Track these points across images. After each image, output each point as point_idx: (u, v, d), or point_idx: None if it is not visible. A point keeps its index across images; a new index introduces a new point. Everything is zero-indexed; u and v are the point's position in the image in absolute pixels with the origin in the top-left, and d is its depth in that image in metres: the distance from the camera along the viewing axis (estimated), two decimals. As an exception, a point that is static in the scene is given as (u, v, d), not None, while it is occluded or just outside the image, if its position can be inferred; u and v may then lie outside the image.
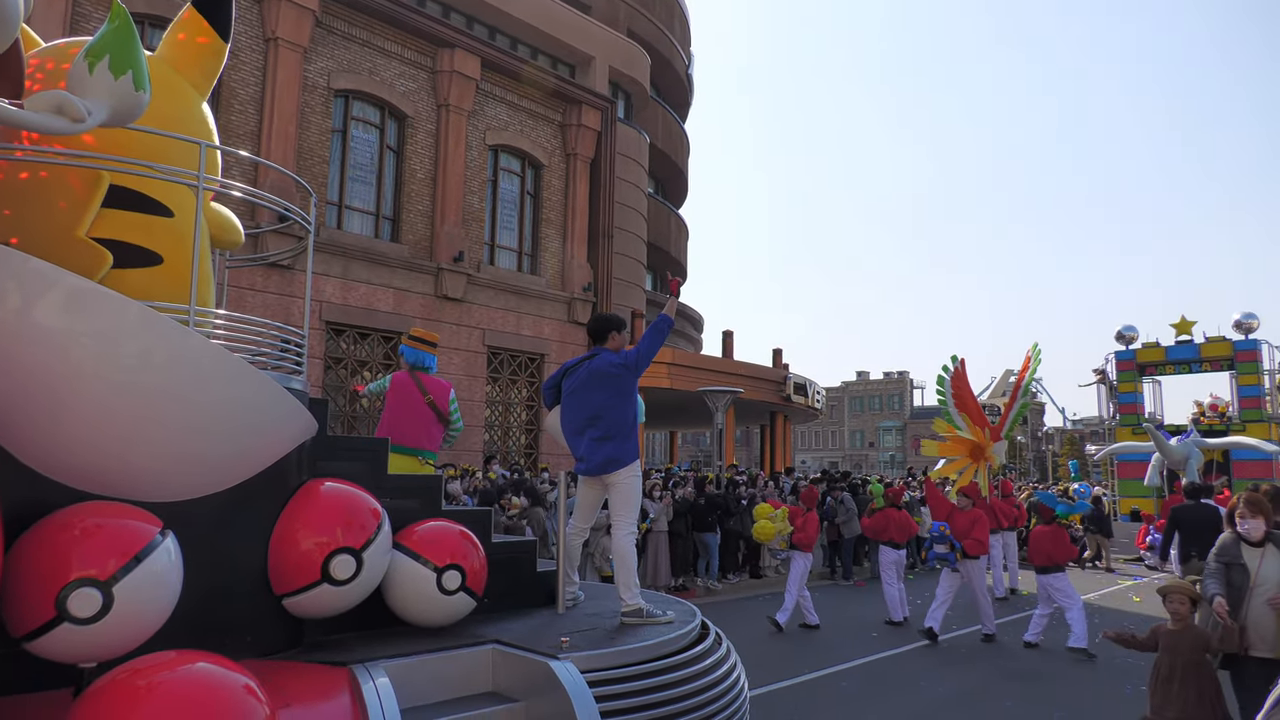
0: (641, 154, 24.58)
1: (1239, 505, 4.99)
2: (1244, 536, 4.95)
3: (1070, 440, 61.45)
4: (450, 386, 6.64)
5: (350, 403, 15.89)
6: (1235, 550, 4.97)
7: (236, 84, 14.54)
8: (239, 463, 3.31)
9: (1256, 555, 4.89)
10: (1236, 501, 5.05)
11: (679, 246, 30.85)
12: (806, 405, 27.61)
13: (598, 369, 4.72)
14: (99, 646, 2.67)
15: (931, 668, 8.48)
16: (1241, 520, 4.97)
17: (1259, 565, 4.86)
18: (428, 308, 16.84)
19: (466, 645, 3.72)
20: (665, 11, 30.10)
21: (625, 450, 4.67)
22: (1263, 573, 4.81)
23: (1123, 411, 25.86)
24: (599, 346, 4.90)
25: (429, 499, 4.36)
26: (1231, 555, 4.97)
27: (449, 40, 17.21)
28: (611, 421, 4.65)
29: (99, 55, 2.84)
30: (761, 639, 9.64)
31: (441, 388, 6.55)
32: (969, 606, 10.91)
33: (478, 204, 18.12)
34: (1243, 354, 24.02)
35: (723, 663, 4.01)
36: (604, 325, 4.95)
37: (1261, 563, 4.85)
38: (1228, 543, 5.06)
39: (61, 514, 2.77)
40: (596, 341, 4.93)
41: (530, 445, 18.81)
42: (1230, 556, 4.97)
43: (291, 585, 3.44)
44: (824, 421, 79.20)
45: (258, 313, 13.41)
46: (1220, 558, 5.03)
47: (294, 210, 4.00)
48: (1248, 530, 4.92)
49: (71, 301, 2.78)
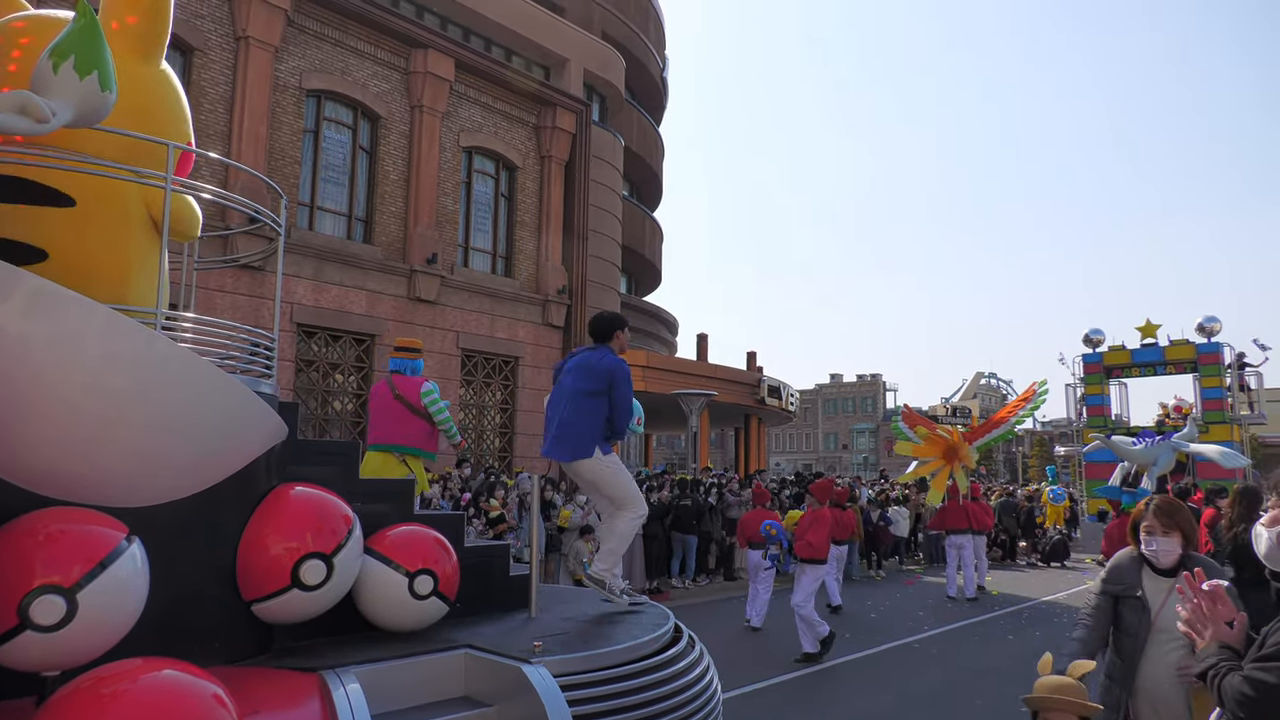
0: (616, 156, 24.60)
1: (1145, 515, 3.49)
2: (1149, 560, 3.48)
3: (1040, 442, 62.31)
4: (423, 381, 6.59)
5: (322, 406, 15.75)
6: (1133, 577, 3.51)
7: (206, 83, 14.37)
8: (207, 467, 3.27)
9: (1162, 589, 3.38)
10: (1143, 509, 3.55)
11: (654, 249, 30.90)
12: (780, 408, 27.76)
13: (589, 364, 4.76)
14: (62, 654, 2.62)
15: (904, 667, 8.56)
16: (1149, 536, 3.44)
17: (1162, 603, 3.35)
18: (401, 310, 16.73)
19: (438, 650, 3.70)
20: (640, 15, 30.15)
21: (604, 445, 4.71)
22: (1166, 615, 3.28)
23: (1090, 413, 26.25)
24: (601, 345, 4.87)
25: (401, 503, 4.34)
26: (1126, 583, 3.51)
27: (423, 41, 17.12)
28: (575, 418, 4.70)
29: (64, 55, 2.80)
30: (735, 641, 9.67)
31: (412, 384, 6.55)
32: (939, 606, 11.05)
33: (451, 206, 18.03)
34: (1205, 356, 24.48)
35: (696, 665, 4.02)
36: (609, 325, 4.89)
37: (1167, 601, 3.31)
38: (1124, 565, 3.59)
39: (24, 519, 2.73)
40: (599, 340, 4.89)
41: (504, 449, 18.74)
42: (1124, 585, 3.52)
43: (261, 591, 3.41)
44: (798, 424, 79.69)
45: (228, 314, 13.25)
46: (1109, 586, 3.58)
47: (264, 212, 3.96)
48: (1155, 552, 3.42)
49: (33, 303, 2.73)
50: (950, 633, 10.08)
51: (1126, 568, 3.56)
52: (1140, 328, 25.92)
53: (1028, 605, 12.20)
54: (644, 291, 33.54)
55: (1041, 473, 58.65)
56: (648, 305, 31.14)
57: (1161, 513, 3.42)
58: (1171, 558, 3.39)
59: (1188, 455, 19.80)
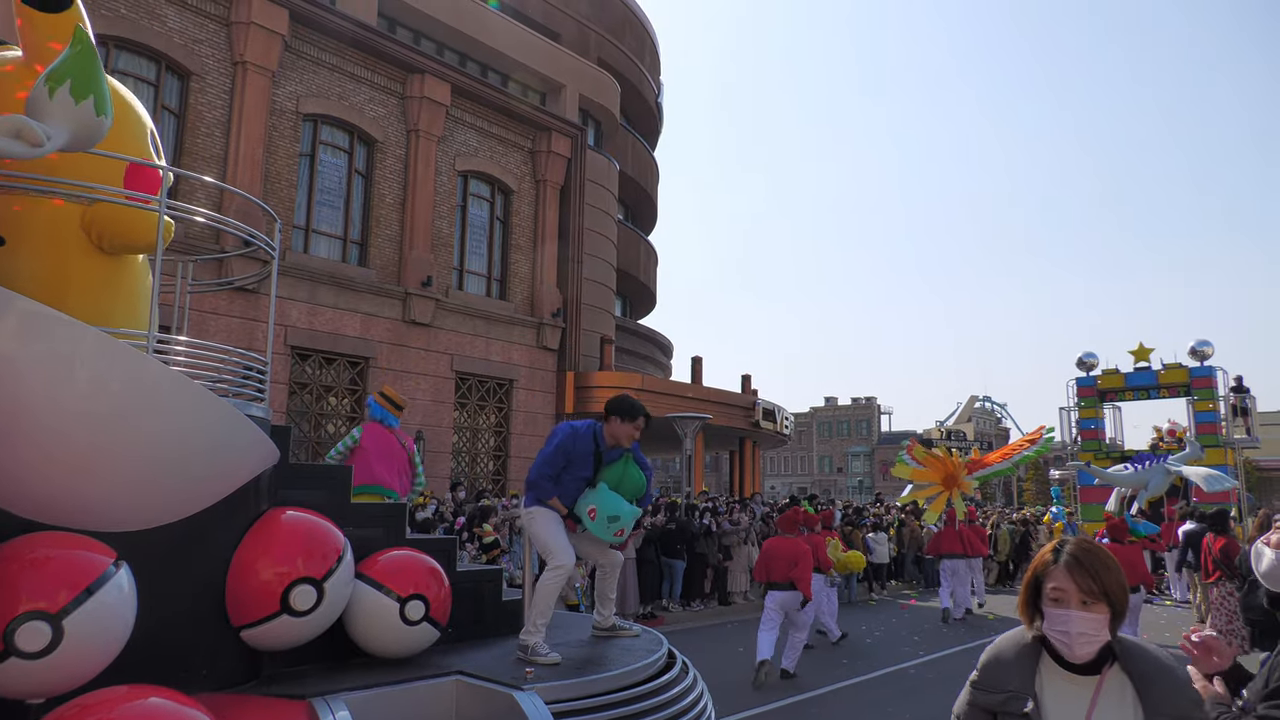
0: (611, 181, 24.74)
1: (1050, 568, 1.98)
2: (1052, 647, 1.96)
3: (1035, 466, 62.28)
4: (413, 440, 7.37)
5: (315, 429, 15.69)
6: (1022, 677, 1.98)
7: (204, 107, 14.44)
8: (196, 491, 3.26)
9: (1074, 698, 1.93)
10: (1047, 558, 2.00)
11: (649, 273, 30.99)
12: (775, 431, 27.72)
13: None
14: (48, 682, 2.59)
15: (899, 694, 8.49)
16: (1055, 608, 1.94)
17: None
18: (395, 332, 16.73)
19: (429, 677, 3.66)
20: (635, 41, 30.44)
21: (528, 495, 4.62)
22: None
23: (1085, 437, 26.27)
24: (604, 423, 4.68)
25: (392, 528, 4.31)
26: (1008, 690, 1.98)
27: (419, 66, 17.26)
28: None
29: (60, 80, 2.82)
30: (730, 667, 9.59)
31: (409, 440, 7.21)
32: (932, 631, 10.98)
33: (447, 229, 18.09)
34: (1198, 380, 24.55)
35: (689, 692, 3.99)
36: (609, 406, 4.68)
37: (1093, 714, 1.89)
38: (1006, 658, 2.04)
39: (10, 544, 2.70)
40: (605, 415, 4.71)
41: (498, 472, 18.67)
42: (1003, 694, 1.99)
43: (250, 617, 3.37)
44: (793, 447, 79.60)
45: (221, 337, 13.23)
46: (979, 694, 2.04)
47: (257, 235, 3.97)
48: (1065, 635, 1.91)
49: (23, 326, 2.72)
50: (946, 658, 10.02)
51: (1011, 662, 2.01)
52: (1133, 351, 26.00)
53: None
54: (639, 314, 33.61)
55: (1036, 496, 58.65)
56: (642, 328, 31.18)
57: (1078, 566, 1.91)
58: (1092, 646, 1.89)
59: (1183, 478, 19.79)
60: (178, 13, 14.14)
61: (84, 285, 3.46)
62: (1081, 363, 26.71)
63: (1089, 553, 1.96)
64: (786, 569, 8.78)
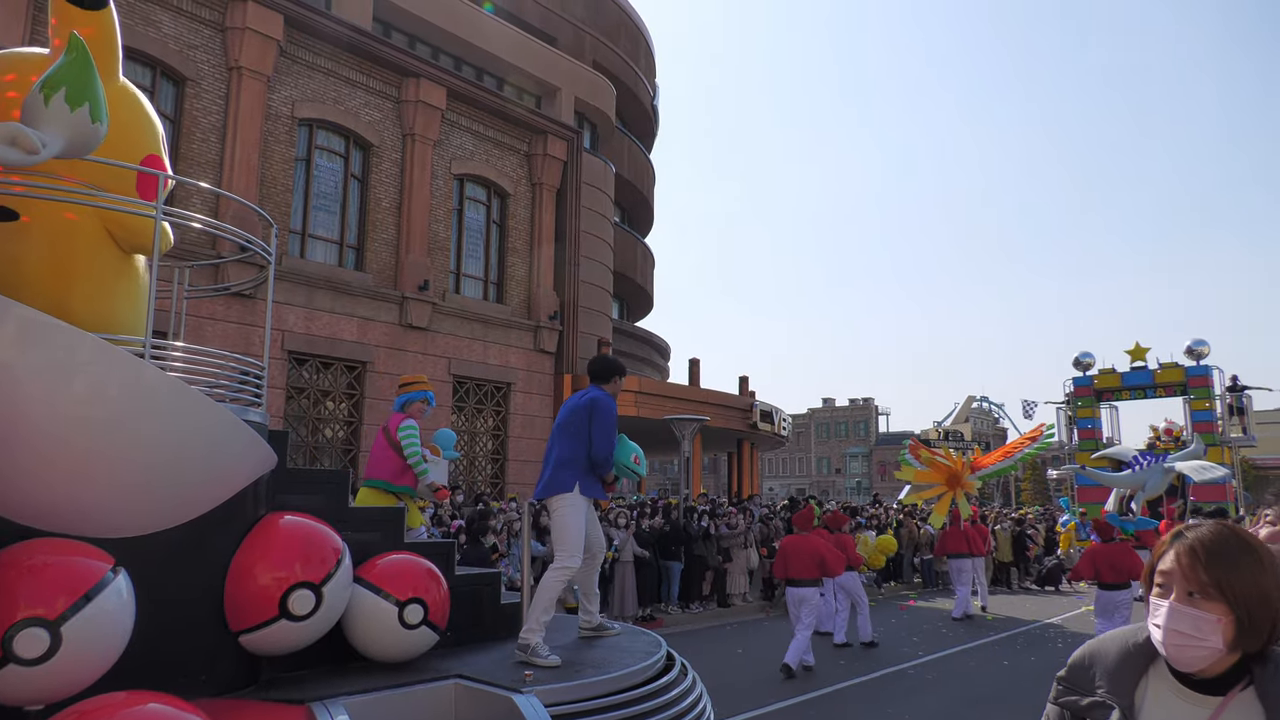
0: (607, 183, 24.77)
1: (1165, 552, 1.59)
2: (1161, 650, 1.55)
3: (1033, 465, 62.36)
4: (403, 418, 6.48)
5: (313, 434, 15.68)
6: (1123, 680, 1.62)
7: (199, 112, 14.44)
8: (194, 497, 3.26)
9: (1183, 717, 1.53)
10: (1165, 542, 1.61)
11: (645, 275, 31.01)
12: (773, 432, 27.74)
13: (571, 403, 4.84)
14: (46, 688, 2.59)
15: (898, 694, 8.50)
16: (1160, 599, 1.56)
17: None
18: (392, 337, 16.72)
19: (428, 680, 3.67)
20: (630, 44, 30.49)
21: (561, 479, 4.62)
22: None
23: (1082, 436, 26.34)
24: (597, 386, 4.92)
25: (391, 531, 4.31)
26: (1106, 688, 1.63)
27: (414, 70, 17.26)
28: (561, 452, 4.69)
29: (55, 87, 2.82)
30: (729, 669, 9.59)
31: (394, 419, 6.50)
32: (932, 631, 11.01)
33: (443, 233, 18.09)
34: (1195, 379, 24.63)
35: (688, 694, 4.00)
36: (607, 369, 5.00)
37: None
38: (1107, 655, 1.66)
39: (8, 551, 2.70)
40: (596, 381, 4.95)
41: (496, 475, 18.66)
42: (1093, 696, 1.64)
43: (249, 621, 3.38)
44: (791, 448, 79.61)
45: (218, 342, 13.22)
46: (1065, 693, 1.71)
47: (254, 241, 3.98)
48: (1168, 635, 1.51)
49: (20, 333, 2.72)
50: (946, 658, 10.02)
51: (1112, 662, 1.65)
52: (1130, 351, 26.09)
53: (1022, 630, 12.17)
54: (636, 317, 33.63)
55: (1034, 496, 58.77)
56: (639, 330, 31.20)
57: (1191, 552, 1.53)
58: (1195, 653, 1.50)
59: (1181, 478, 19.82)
60: (173, 18, 14.15)
61: (91, 273, 3.50)
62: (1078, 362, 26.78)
63: (1216, 539, 1.53)
64: (808, 566, 9.24)
